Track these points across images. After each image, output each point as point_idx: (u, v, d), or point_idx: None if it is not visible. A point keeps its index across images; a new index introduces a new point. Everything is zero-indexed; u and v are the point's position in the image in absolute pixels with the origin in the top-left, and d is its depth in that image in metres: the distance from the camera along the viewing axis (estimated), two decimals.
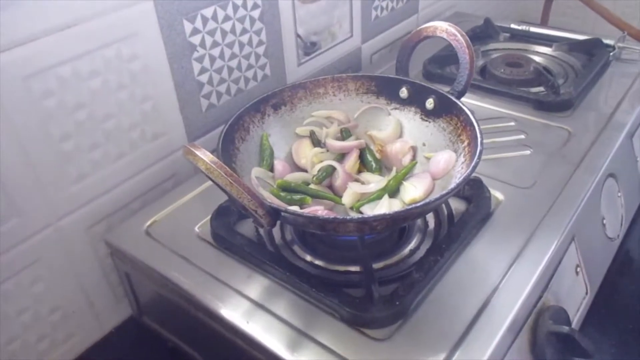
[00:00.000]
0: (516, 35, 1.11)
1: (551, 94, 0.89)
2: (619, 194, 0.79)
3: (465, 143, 0.61)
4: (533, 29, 1.11)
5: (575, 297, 0.67)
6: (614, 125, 0.82)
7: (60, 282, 0.70)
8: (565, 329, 0.55)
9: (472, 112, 0.62)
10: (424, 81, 0.88)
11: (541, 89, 0.93)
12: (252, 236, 0.66)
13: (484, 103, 0.90)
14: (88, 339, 0.76)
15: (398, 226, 0.63)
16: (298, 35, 0.91)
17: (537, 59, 1.02)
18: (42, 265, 0.67)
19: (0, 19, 0.55)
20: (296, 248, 0.65)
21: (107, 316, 0.77)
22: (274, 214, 0.50)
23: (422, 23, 1.19)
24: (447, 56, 1.00)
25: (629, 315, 0.73)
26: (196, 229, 0.68)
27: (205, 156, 0.47)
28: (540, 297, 0.59)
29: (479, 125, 0.60)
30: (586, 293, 0.69)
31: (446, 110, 0.66)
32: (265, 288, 0.60)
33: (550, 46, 1.05)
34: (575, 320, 0.67)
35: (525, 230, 0.64)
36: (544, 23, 1.50)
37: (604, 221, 0.74)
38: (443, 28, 0.66)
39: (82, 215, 0.69)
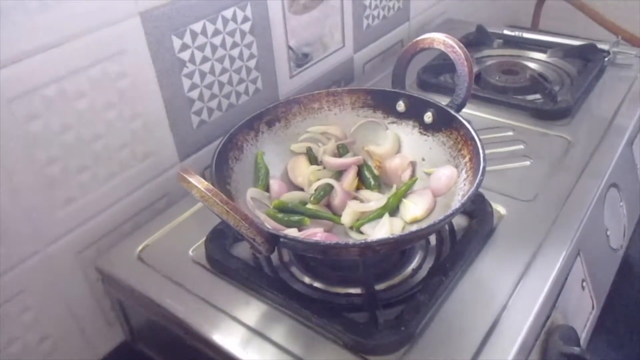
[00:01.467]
0: (510, 42, 1.10)
1: (549, 102, 0.87)
2: (621, 204, 0.77)
3: (467, 158, 0.60)
4: (526, 35, 1.09)
5: (582, 313, 0.66)
6: (614, 132, 0.81)
7: (50, 310, 0.67)
8: (577, 350, 0.54)
9: (472, 126, 0.60)
10: (419, 91, 0.88)
11: (537, 96, 0.91)
12: (249, 259, 0.64)
13: (480, 112, 0.88)
14: None
15: (402, 248, 0.61)
16: (290, 47, 0.89)
17: (532, 65, 1.01)
18: (30, 293, 0.64)
19: None
20: (294, 270, 0.63)
21: (99, 342, 0.74)
22: (273, 240, 0.48)
23: (414, 30, 1.19)
24: (441, 65, 0.98)
25: (636, 327, 0.71)
26: (190, 252, 0.66)
27: (199, 183, 0.44)
28: (548, 316, 0.57)
29: (480, 140, 0.58)
30: (592, 308, 0.68)
31: (445, 124, 0.64)
32: (263, 314, 0.57)
33: (544, 52, 1.04)
34: (583, 336, 0.65)
35: (530, 245, 0.62)
36: (534, 27, 1.49)
37: (608, 232, 0.73)
38: (440, 40, 0.64)
39: (71, 241, 0.67)
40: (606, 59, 0.98)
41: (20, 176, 0.59)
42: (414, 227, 0.57)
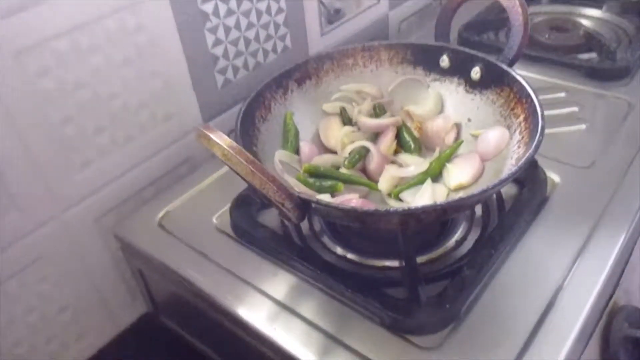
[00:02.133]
0: None
1: (606, 60, 0.80)
2: None
3: (521, 118, 0.53)
4: None
5: None
6: None
7: (69, 279, 0.64)
8: None
9: (528, 82, 0.54)
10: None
11: (592, 55, 0.83)
12: (277, 227, 0.59)
13: (529, 72, 0.80)
14: (101, 338, 0.71)
15: (448, 218, 0.56)
16: (321, 2, 0.82)
17: (584, 22, 0.92)
18: (47, 261, 0.61)
19: None
20: (326, 240, 0.58)
21: (121, 313, 0.72)
22: (304, 206, 0.43)
23: None
24: (484, 21, 0.91)
25: None
26: (214, 219, 0.62)
27: (221, 140, 0.39)
28: (611, 296, 0.51)
29: (537, 97, 0.52)
30: None
31: (496, 80, 0.58)
32: (292, 287, 0.53)
33: (599, 8, 0.95)
34: None
35: (588, 217, 0.56)
36: None
37: None
38: None
39: (89, 206, 0.63)
40: None
41: (33, 136, 0.55)
42: (460, 194, 0.52)
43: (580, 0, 0.98)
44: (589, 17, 0.95)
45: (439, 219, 0.52)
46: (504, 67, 0.57)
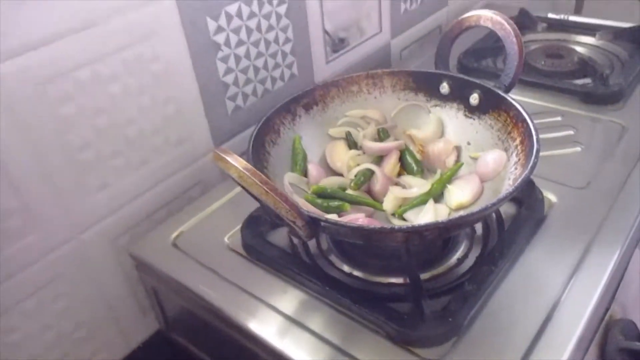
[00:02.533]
0: (554, 25, 1.05)
1: (599, 85, 0.83)
2: None
3: (518, 141, 0.56)
4: (572, 18, 1.05)
5: None
6: None
7: (84, 298, 0.66)
8: (639, 345, 0.50)
9: (523, 107, 0.57)
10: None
11: (587, 80, 0.87)
12: (286, 246, 0.62)
13: (526, 97, 0.84)
14: (114, 355, 0.72)
15: (449, 235, 0.58)
16: (326, 32, 0.86)
17: (579, 49, 0.96)
18: (64, 280, 0.64)
19: (11, 22, 0.51)
20: (333, 258, 0.60)
21: (133, 331, 0.73)
22: (314, 224, 0.46)
23: (453, 16, 1.15)
24: (483, 49, 0.94)
25: None
26: (226, 239, 0.64)
27: (237, 162, 0.42)
28: (607, 310, 0.53)
29: (532, 121, 0.55)
30: None
31: (493, 105, 0.61)
32: (301, 302, 0.55)
33: (592, 35, 0.99)
34: None
35: (584, 235, 0.58)
36: (578, 11, 1.43)
37: None
38: (488, 17, 0.61)
39: (105, 227, 0.66)
40: None
41: (53, 160, 0.58)
42: (461, 213, 0.54)
43: (574, 28, 1.03)
44: (583, 44, 0.99)
45: (441, 236, 0.54)
46: (501, 93, 0.60)
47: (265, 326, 0.53)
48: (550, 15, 1.06)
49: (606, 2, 1.39)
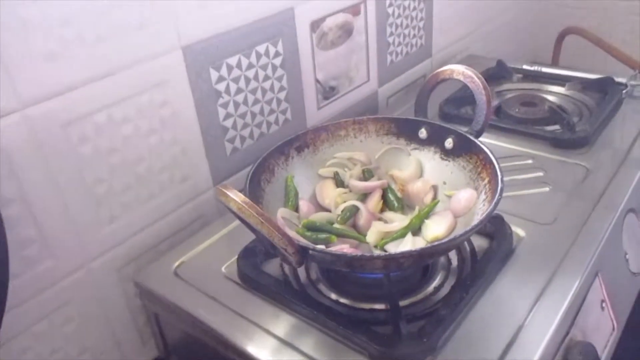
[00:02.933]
0: (529, 76, 1.14)
1: (567, 132, 0.90)
2: None
3: (486, 180, 0.63)
4: (545, 69, 1.13)
5: (603, 332, 0.67)
6: (631, 161, 0.83)
7: (90, 323, 0.71)
8: None
9: (491, 151, 0.64)
10: (441, 122, 0.91)
11: (557, 127, 0.94)
12: (278, 275, 0.67)
13: (501, 142, 0.91)
14: None
15: (424, 263, 0.64)
16: (317, 81, 0.94)
17: (550, 98, 1.04)
18: (73, 306, 0.69)
19: (43, 71, 0.58)
20: (321, 287, 0.66)
21: (133, 357, 0.78)
22: (303, 252, 0.52)
23: (437, 66, 1.23)
24: (462, 97, 1.02)
25: None
26: (223, 269, 0.69)
27: (237, 197, 0.49)
28: (567, 333, 0.59)
29: (498, 163, 0.62)
30: (613, 329, 0.69)
31: (465, 149, 0.68)
32: (292, 326, 0.60)
33: (563, 85, 1.07)
34: (604, 357, 0.66)
35: (549, 266, 0.64)
36: (555, 63, 1.53)
37: (627, 256, 0.74)
38: (459, 71, 0.69)
39: (113, 257, 0.71)
40: (624, 91, 1.01)
41: (70, 194, 0.64)
42: (434, 243, 0.60)
43: (546, 79, 1.11)
44: (555, 93, 1.07)
45: (416, 264, 0.60)
46: (472, 138, 0.67)
47: (260, 348, 0.58)
48: (525, 67, 1.15)
49: (581, 54, 1.49)
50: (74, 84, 0.61)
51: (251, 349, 0.58)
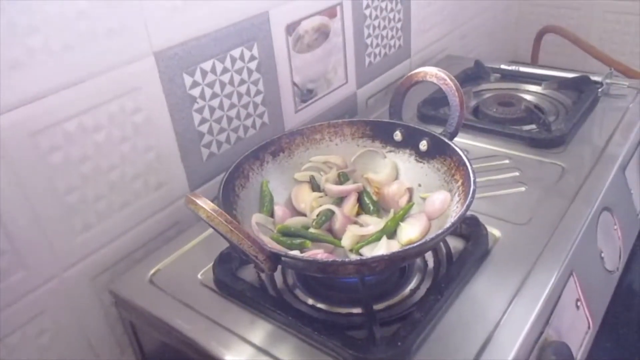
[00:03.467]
0: (506, 75, 1.14)
1: (543, 131, 0.91)
2: (615, 227, 0.80)
3: (460, 182, 0.63)
4: (523, 69, 1.14)
5: (578, 331, 0.67)
6: (606, 159, 0.84)
7: (66, 333, 0.70)
8: None
9: (465, 152, 0.64)
10: (419, 123, 0.92)
11: (533, 126, 0.95)
12: (255, 281, 0.67)
13: (478, 142, 0.92)
14: None
15: (397, 266, 0.64)
16: (294, 84, 0.94)
17: (528, 97, 1.05)
18: (47, 316, 0.68)
19: (8, 80, 0.57)
20: (298, 292, 0.66)
21: None
22: (275, 258, 0.51)
23: (415, 67, 1.24)
24: (440, 98, 1.02)
25: (633, 349, 0.72)
26: (199, 276, 0.69)
27: (206, 205, 0.48)
28: (541, 333, 0.59)
29: (471, 165, 0.62)
30: (588, 327, 0.69)
31: (440, 151, 0.68)
32: (268, 333, 0.60)
33: (540, 85, 1.08)
34: (579, 355, 0.66)
35: (524, 266, 0.65)
36: (534, 62, 1.54)
37: (602, 254, 0.75)
38: (432, 73, 0.69)
39: (87, 266, 0.70)
40: (600, 89, 1.02)
41: (41, 204, 0.63)
42: (405, 247, 0.60)
43: (523, 78, 1.12)
44: (532, 92, 1.08)
45: (388, 268, 0.60)
46: (446, 140, 0.67)
47: (236, 356, 0.57)
48: (503, 66, 1.16)
49: (560, 53, 1.51)
50: (41, 93, 0.60)
51: (227, 357, 0.58)
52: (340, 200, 0.70)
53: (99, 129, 0.67)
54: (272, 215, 0.68)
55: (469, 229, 0.69)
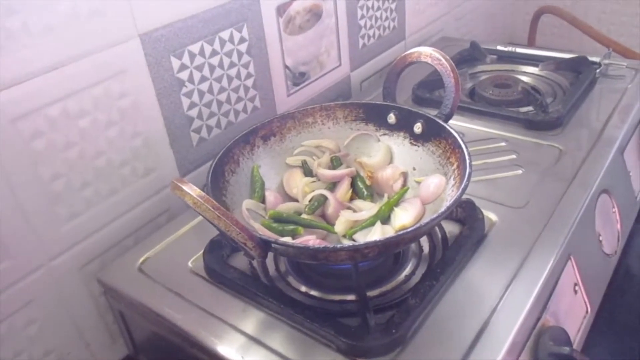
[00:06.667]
0: (503, 57, 1.12)
1: (540, 113, 0.89)
2: (614, 210, 0.78)
3: (455, 165, 0.61)
4: (519, 50, 1.12)
5: (575, 316, 0.66)
6: (605, 141, 0.82)
7: (55, 323, 0.69)
8: (566, 349, 0.55)
9: (461, 135, 0.62)
10: (414, 106, 0.90)
11: (530, 108, 0.93)
12: (246, 269, 0.65)
13: (474, 125, 0.90)
14: None
15: (391, 252, 0.63)
16: (286, 66, 0.91)
17: (524, 79, 1.03)
18: (35, 306, 0.66)
19: None
20: (291, 279, 0.64)
21: (103, 356, 0.76)
22: (265, 245, 0.50)
23: (410, 48, 1.22)
24: (435, 80, 1.00)
25: (632, 334, 0.72)
26: (189, 263, 0.67)
27: (192, 191, 0.47)
28: (539, 318, 0.58)
29: (467, 148, 0.60)
30: (586, 312, 0.68)
31: (434, 133, 0.66)
32: (260, 321, 0.59)
33: (537, 66, 1.06)
34: (577, 340, 0.66)
35: (521, 250, 0.63)
36: (531, 43, 1.52)
37: (600, 238, 0.73)
38: (427, 53, 0.67)
39: (75, 255, 0.69)
40: (597, 70, 1.00)
41: (25, 192, 0.62)
42: (399, 233, 0.59)
43: (520, 60, 1.10)
44: (528, 73, 1.06)
45: (382, 254, 0.59)
46: (441, 122, 0.65)
47: (226, 345, 0.56)
48: (499, 48, 1.14)
49: (557, 34, 1.48)
50: (22, 77, 0.58)
51: (218, 347, 0.56)
52: (333, 185, 0.68)
53: (84, 114, 0.65)
54: (263, 201, 0.66)
55: (465, 213, 0.68)
